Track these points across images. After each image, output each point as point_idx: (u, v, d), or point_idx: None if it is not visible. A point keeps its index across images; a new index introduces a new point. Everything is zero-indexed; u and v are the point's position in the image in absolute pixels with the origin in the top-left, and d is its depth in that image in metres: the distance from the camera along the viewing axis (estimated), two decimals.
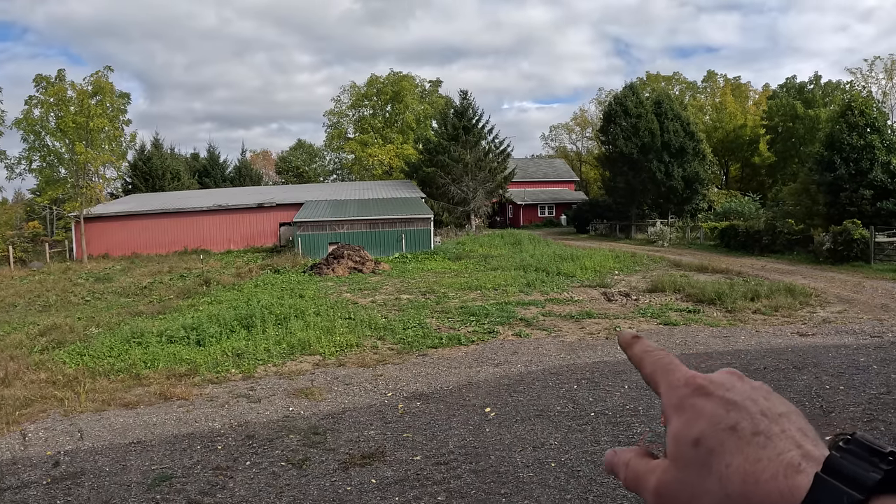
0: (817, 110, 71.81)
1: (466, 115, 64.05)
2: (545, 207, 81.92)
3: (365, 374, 13.03)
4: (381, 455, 8.51)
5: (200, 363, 13.78)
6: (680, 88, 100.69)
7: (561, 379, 12.23)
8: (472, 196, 60.57)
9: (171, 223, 50.32)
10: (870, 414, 9.73)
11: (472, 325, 17.69)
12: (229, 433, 9.59)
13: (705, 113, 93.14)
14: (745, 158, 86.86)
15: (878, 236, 31.50)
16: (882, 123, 39.48)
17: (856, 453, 0.62)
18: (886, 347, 14.29)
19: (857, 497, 0.59)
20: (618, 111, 58.96)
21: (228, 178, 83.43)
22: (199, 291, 26.08)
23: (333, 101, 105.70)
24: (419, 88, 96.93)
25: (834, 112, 45.68)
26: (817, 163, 39.94)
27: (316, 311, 19.11)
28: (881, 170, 36.74)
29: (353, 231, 41.76)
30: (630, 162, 57.06)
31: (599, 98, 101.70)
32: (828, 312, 18.81)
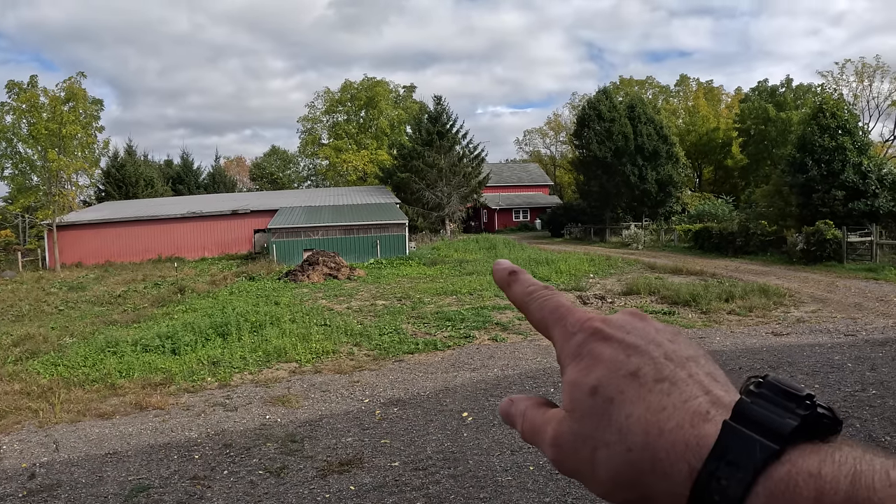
0: (789, 113, 72.32)
1: (440, 120, 64.14)
2: (520, 212, 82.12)
3: (341, 380, 13.01)
4: (359, 462, 8.49)
5: (176, 372, 13.70)
6: (653, 92, 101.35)
7: (538, 382, 12.27)
8: (446, 201, 60.61)
9: (145, 231, 50.02)
10: (845, 411, 9.80)
11: (448, 330, 17.70)
12: (206, 442, 9.54)
13: (678, 116, 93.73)
14: (718, 161, 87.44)
15: (851, 236, 31.82)
16: (853, 125, 39.85)
17: (769, 398, 0.58)
18: (860, 345, 14.42)
19: (771, 447, 0.55)
20: (591, 115, 59.24)
21: (202, 184, 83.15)
22: (174, 299, 25.95)
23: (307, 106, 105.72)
24: (393, 94, 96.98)
25: (805, 115, 46.03)
26: (789, 165, 40.24)
27: (291, 318, 19.05)
28: (853, 171, 37.05)
29: (328, 237, 41.65)
30: (604, 166, 57.33)
31: (573, 102, 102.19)
32: (802, 312, 18.96)
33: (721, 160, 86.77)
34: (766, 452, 0.54)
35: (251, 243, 50.12)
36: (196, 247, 49.89)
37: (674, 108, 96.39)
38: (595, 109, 59.55)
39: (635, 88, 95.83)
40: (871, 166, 37.68)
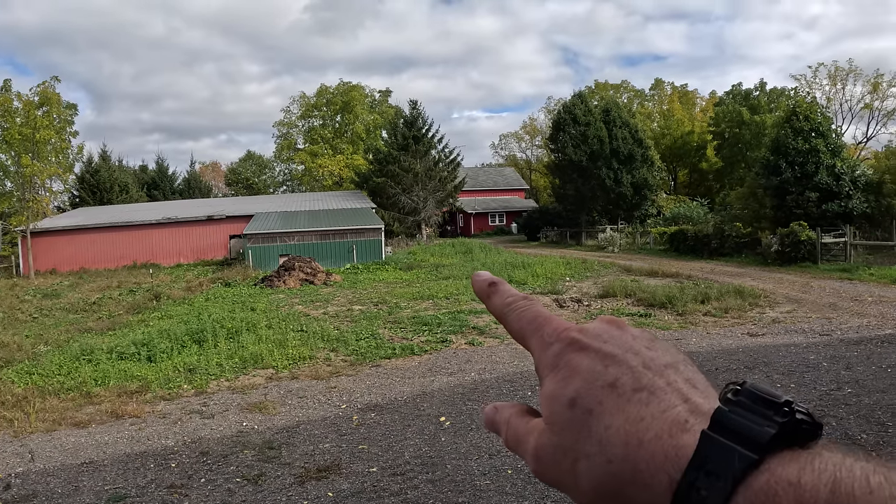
0: (763, 116, 72.88)
1: (416, 124, 64.16)
2: (496, 216, 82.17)
3: (318, 386, 12.98)
4: (337, 468, 8.48)
5: (152, 380, 13.62)
6: (628, 96, 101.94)
7: (515, 386, 12.28)
8: (422, 205, 60.60)
9: (120, 237, 49.72)
10: (821, 410, 9.88)
11: (424, 334, 17.71)
12: (183, 450, 9.49)
13: (653, 120, 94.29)
14: (692, 164, 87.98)
15: (825, 237, 32.09)
16: (826, 128, 40.24)
17: (746, 405, 0.57)
18: (835, 345, 14.54)
19: (749, 457, 0.54)
20: (567, 119, 59.48)
21: (177, 190, 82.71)
22: (150, 306, 25.80)
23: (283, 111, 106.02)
24: (369, 98, 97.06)
25: (779, 118, 46.39)
26: (764, 167, 40.60)
27: (268, 324, 18.99)
28: (826, 173, 37.41)
29: (304, 242, 41.57)
30: (579, 169, 57.55)
31: (548, 107, 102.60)
32: (777, 313, 19.10)
33: (696, 163, 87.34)
34: (744, 462, 0.54)
35: (227, 249, 49.97)
36: (171, 253, 49.68)
37: (649, 112, 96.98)
38: (570, 113, 59.80)
39: (610, 92, 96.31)
40: (844, 168, 38.08)
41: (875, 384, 11.21)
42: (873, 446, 8.44)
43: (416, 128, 63.83)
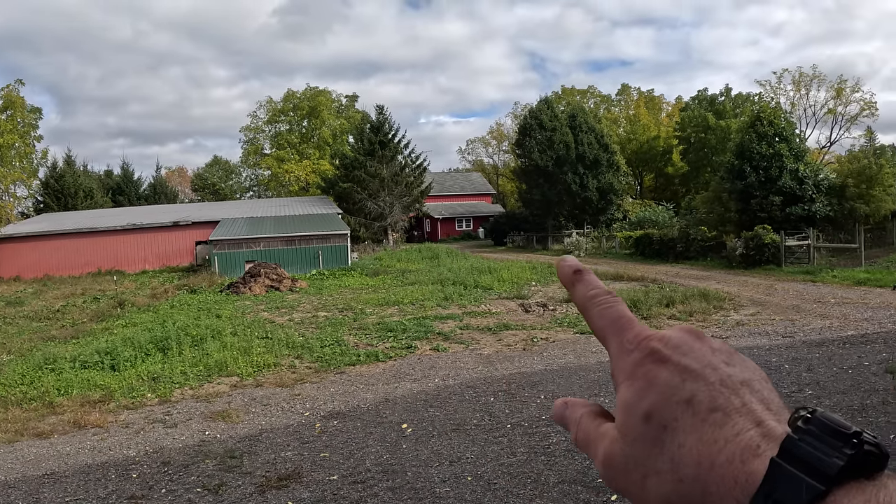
0: (728, 121, 73.56)
1: (383, 129, 64.13)
2: (463, 221, 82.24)
3: (283, 393, 13.01)
4: (297, 476, 8.51)
5: (115, 389, 13.58)
6: (595, 102, 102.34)
7: (478, 392, 12.36)
8: (388, 211, 60.57)
9: (85, 243, 49.25)
10: None
11: (389, 340, 17.77)
12: (144, 460, 9.48)
13: (619, 125, 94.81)
14: (658, 169, 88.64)
15: (788, 240, 32.51)
16: (790, 133, 40.79)
17: (816, 435, 0.58)
18: (797, 347, 14.76)
19: (817, 488, 0.55)
20: (533, 125, 59.73)
21: (143, 195, 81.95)
22: (114, 314, 25.66)
23: (250, 116, 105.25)
24: (336, 103, 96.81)
25: (744, 123, 46.90)
26: (728, 171, 41.02)
27: (233, 332, 18.95)
28: (790, 177, 37.86)
29: (270, 248, 41.42)
30: (545, 174, 57.77)
31: (515, 112, 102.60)
32: (741, 315, 19.33)
33: (662, 168, 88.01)
34: (811, 493, 0.54)
35: (193, 255, 49.65)
36: (137, 259, 49.30)
37: (615, 117, 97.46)
38: (536, 119, 60.06)
39: (577, 98, 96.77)
40: (807, 172, 38.58)
41: (836, 385, 11.41)
42: None
43: (382, 133, 63.81)
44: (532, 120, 60.58)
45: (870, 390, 10.90)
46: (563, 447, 9.09)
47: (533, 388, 12.35)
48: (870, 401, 10.41)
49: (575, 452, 8.84)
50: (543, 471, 8.31)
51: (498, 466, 8.55)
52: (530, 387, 12.49)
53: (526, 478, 8.12)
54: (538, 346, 16.43)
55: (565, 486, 7.82)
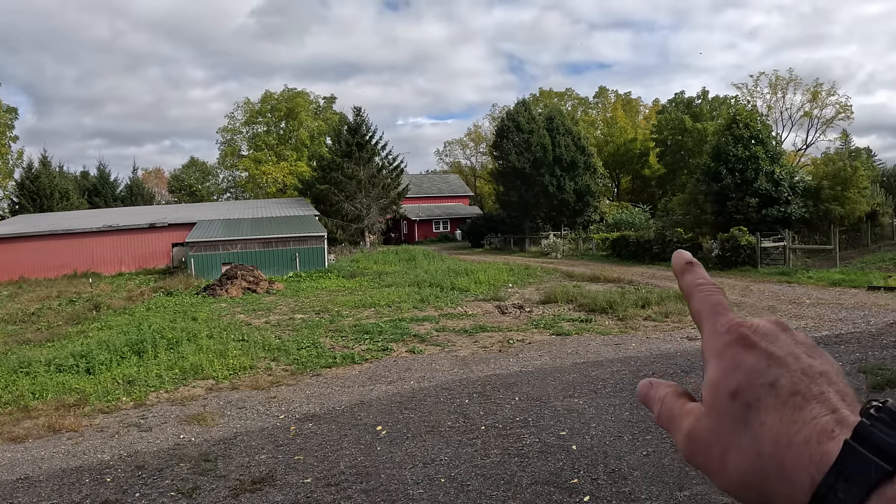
0: (705, 124, 74.11)
1: (360, 131, 64.16)
2: (440, 223, 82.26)
3: (258, 396, 13.01)
4: (271, 479, 8.54)
5: (90, 392, 13.53)
6: (572, 104, 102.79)
7: (453, 394, 12.41)
8: (365, 213, 60.54)
9: (60, 245, 48.89)
10: None
11: (366, 343, 17.80)
12: (119, 464, 9.47)
13: (597, 128, 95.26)
14: (635, 171, 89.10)
15: (764, 242, 32.78)
16: (766, 135, 41.14)
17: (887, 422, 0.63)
18: None
19: (885, 468, 0.60)
20: (510, 127, 59.90)
21: (119, 197, 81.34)
22: (89, 317, 25.52)
23: (227, 117, 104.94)
24: (314, 105, 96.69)
25: (720, 125, 47.24)
26: (705, 174, 41.34)
27: (209, 334, 18.92)
28: (765, 179, 38.18)
29: (247, 250, 41.30)
30: (523, 176, 57.95)
31: (493, 114, 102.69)
32: None
33: (639, 170, 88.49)
34: (880, 473, 0.60)
35: (169, 257, 49.44)
36: (113, 261, 49.02)
37: (592, 120, 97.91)
38: (514, 121, 60.24)
39: (555, 100, 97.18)
40: (783, 174, 38.93)
41: None
42: None
43: (359, 134, 63.83)
44: (509, 122, 60.77)
45: None
46: (536, 449, 9.17)
47: (508, 390, 12.42)
48: None
49: (548, 454, 8.92)
50: (517, 472, 8.37)
51: (471, 468, 8.61)
52: (505, 388, 12.56)
53: (499, 479, 8.18)
54: (514, 348, 16.50)
55: (538, 487, 7.89)
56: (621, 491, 7.68)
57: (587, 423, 10.20)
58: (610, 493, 7.62)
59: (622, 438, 9.43)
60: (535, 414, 10.80)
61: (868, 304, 20.18)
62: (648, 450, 8.93)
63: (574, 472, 8.27)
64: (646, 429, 9.75)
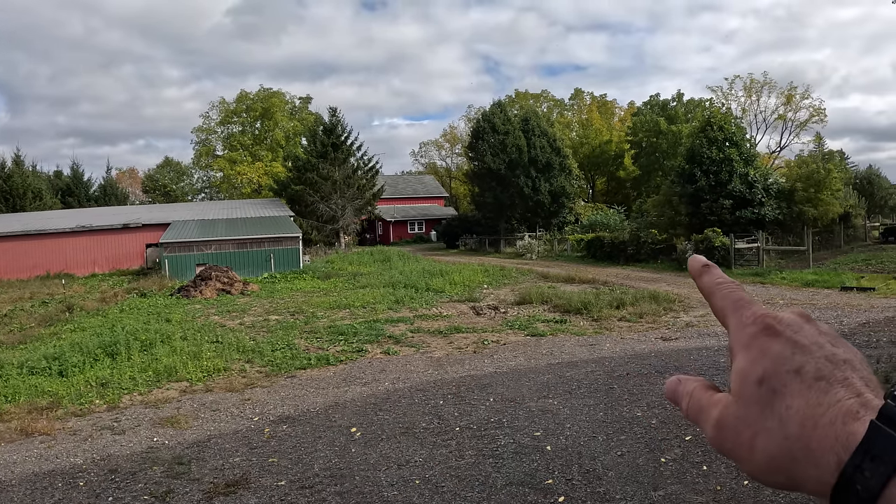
0: (680, 126, 74.49)
1: (335, 131, 63.97)
2: (415, 224, 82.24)
3: (232, 398, 12.96)
4: (245, 482, 8.51)
5: (63, 395, 13.42)
6: (548, 106, 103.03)
7: (427, 395, 12.42)
8: (340, 214, 60.42)
9: (33, 246, 48.44)
10: None
11: (340, 344, 17.80)
12: (92, 468, 9.40)
13: (572, 129, 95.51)
14: (610, 172, 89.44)
15: (738, 243, 33.05)
16: (740, 138, 41.43)
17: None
18: None
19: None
20: (486, 128, 60.03)
21: (93, 197, 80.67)
22: (62, 318, 25.34)
23: (202, 117, 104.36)
24: (289, 105, 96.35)
25: (695, 128, 47.53)
26: (679, 175, 41.57)
27: (183, 336, 18.82)
28: (739, 181, 38.47)
29: (222, 251, 41.14)
30: (498, 177, 58.08)
31: (469, 115, 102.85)
32: (691, 317, 19.61)
33: (614, 171, 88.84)
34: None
35: (143, 258, 49.14)
36: (86, 262, 48.65)
37: (568, 121, 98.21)
38: (489, 122, 60.38)
39: (530, 102, 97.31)
40: (757, 176, 39.25)
41: None
42: None
43: (335, 135, 63.66)
44: (485, 123, 60.89)
45: None
46: (510, 449, 9.19)
47: (482, 391, 12.44)
48: None
49: (523, 454, 8.94)
50: (491, 473, 8.39)
51: (446, 469, 8.62)
52: (480, 389, 12.58)
53: (474, 480, 8.20)
54: (489, 349, 16.54)
55: (513, 488, 7.91)
56: (596, 491, 7.71)
57: (561, 423, 10.23)
58: (584, 494, 7.65)
59: (597, 439, 9.47)
60: (509, 415, 10.82)
61: (841, 305, 20.36)
62: (623, 450, 8.97)
63: (549, 473, 8.30)
64: (620, 429, 9.80)
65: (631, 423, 10.06)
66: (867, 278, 26.39)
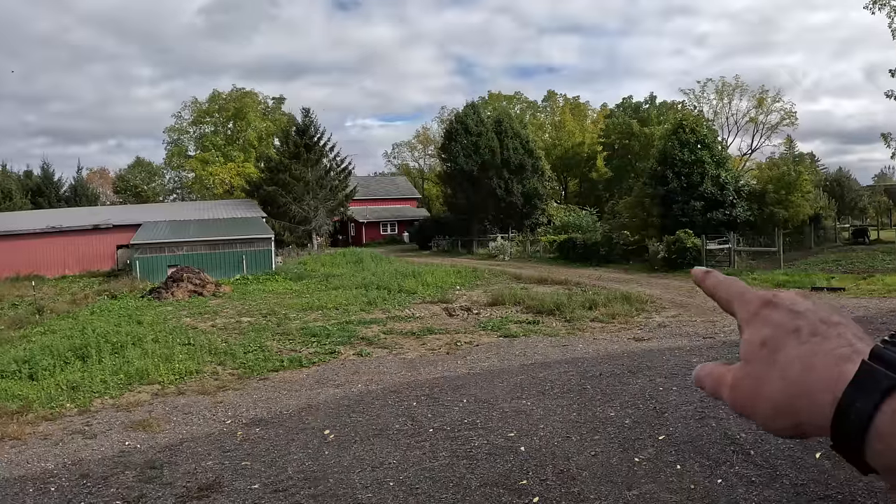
0: (652, 128, 75.08)
1: (308, 132, 63.83)
2: (388, 225, 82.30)
3: (205, 401, 12.88)
4: (218, 486, 8.45)
5: (34, 399, 13.27)
6: (521, 107, 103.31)
7: (401, 397, 12.41)
8: (313, 215, 60.33)
9: (2, 247, 47.86)
10: (701, 412, 10.30)
11: (313, 346, 17.75)
12: (63, 473, 9.30)
13: (545, 131, 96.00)
14: (583, 174, 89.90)
15: (710, 244, 33.33)
16: (712, 140, 41.81)
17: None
18: (718, 347, 15.19)
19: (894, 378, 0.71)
20: (459, 129, 60.15)
21: (63, 197, 79.98)
22: (32, 321, 25.11)
23: (174, 117, 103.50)
24: (262, 105, 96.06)
25: (667, 130, 47.86)
26: (651, 177, 41.83)
27: (154, 338, 18.68)
28: (711, 183, 38.76)
29: (194, 253, 40.97)
30: (471, 179, 58.22)
31: (442, 116, 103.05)
32: (663, 317, 19.74)
33: (586, 173, 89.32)
34: (891, 381, 0.71)
35: (114, 260, 48.88)
36: (56, 264, 48.24)
37: (541, 123, 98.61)
38: (462, 123, 60.49)
39: (503, 103, 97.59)
40: (728, 178, 39.61)
41: None
42: (752, 444, 8.83)
43: (308, 136, 63.51)
44: (458, 124, 61.02)
45: None
46: (484, 451, 9.20)
47: (456, 392, 12.45)
48: None
49: (497, 455, 8.96)
50: (465, 474, 8.39)
51: (420, 471, 8.61)
52: (453, 391, 12.59)
53: (448, 482, 8.20)
54: (462, 350, 16.55)
55: (487, 489, 7.92)
56: (570, 491, 7.73)
57: (535, 424, 10.26)
58: (559, 494, 7.67)
59: (570, 439, 9.50)
60: (483, 416, 10.83)
61: None
62: (596, 450, 9.00)
63: (523, 474, 8.32)
64: (593, 429, 9.84)
65: (604, 423, 10.10)
66: (837, 278, 26.64)
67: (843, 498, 7.21)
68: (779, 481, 7.71)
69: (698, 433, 9.47)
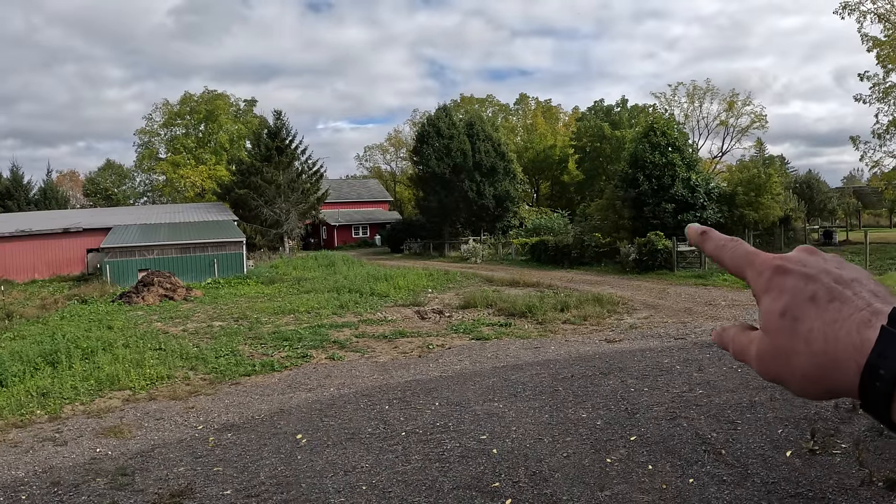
0: (623, 131, 75.53)
1: (280, 135, 63.64)
2: (360, 228, 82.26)
3: (176, 407, 12.82)
4: (190, 492, 8.41)
5: (3, 406, 13.15)
6: (493, 110, 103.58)
7: (373, 400, 12.40)
8: (285, 218, 60.17)
9: None
10: (672, 412, 10.38)
11: (285, 350, 17.71)
12: (33, 481, 9.22)
13: (517, 134, 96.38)
14: (555, 177, 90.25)
15: (681, 246, 33.49)
16: (682, 143, 42.13)
17: None
18: (689, 348, 15.27)
19: None
20: (431, 132, 60.19)
21: (33, 200, 79.22)
22: (1, 326, 24.92)
23: (145, 119, 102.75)
24: (234, 108, 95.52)
25: (638, 133, 48.18)
26: (622, 180, 42.09)
27: (125, 343, 18.61)
28: (682, 185, 39.05)
29: (164, 256, 40.76)
30: (443, 182, 58.27)
31: (414, 119, 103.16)
32: (634, 319, 19.85)
33: (558, 176, 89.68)
34: None
35: (84, 264, 48.49)
36: (25, 268, 47.83)
37: (513, 126, 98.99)
38: (434, 126, 60.55)
39: (476, 106, 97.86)
40: (699, 181, 39.91)
41: (725, 384, 11.86)
42: (723, 444, 8.91)
43: (279, 138, 63.31)
44: (430, 127, 61.07)
45: (758, 388, 11.33)
46: (457, 453, 9.22)
47: (428, 395, 12.47)
48: (758, 398, 10.83)
49: (469, 458, 8.98)
50: (438, 477, 8.41)
51: (393, 475, 8.62)
52: (425, 394, 12.61)
53: (421, 485, 8.21)
54: (434, 353, 16.58)
55: (460, 491, 7.94)
56: (543, 493, 7.77)
57: (507, 426, 10.29)
58: (532, 496, 7.71)
59: (542, 441, 9.54)
60: (455, 419, 10.85)
61: None
62: (569, 451, 9.05)
63: (495, 476, 8.34)
64: (565, 431, 9.89)
65: (576, 425, 10.15)
66: None
67: (813, 495, 7.29)
68: (750, 480, 7.78)
69: (670, 433, 9.54)
